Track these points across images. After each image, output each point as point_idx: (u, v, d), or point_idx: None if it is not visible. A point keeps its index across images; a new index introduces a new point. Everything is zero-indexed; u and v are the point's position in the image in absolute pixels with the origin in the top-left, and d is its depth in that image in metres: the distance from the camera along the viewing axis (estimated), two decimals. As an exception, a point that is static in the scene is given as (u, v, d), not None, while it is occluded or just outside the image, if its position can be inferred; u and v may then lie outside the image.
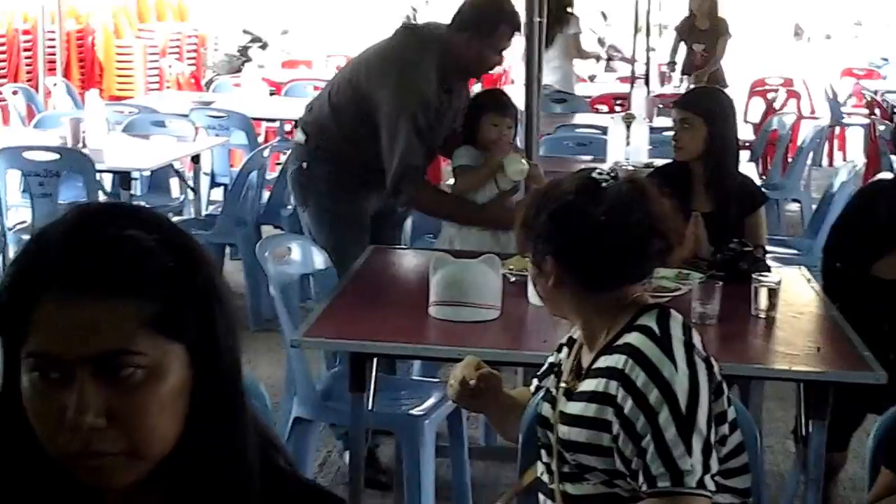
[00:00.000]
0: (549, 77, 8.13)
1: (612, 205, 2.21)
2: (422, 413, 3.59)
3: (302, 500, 1.32)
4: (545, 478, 2.34)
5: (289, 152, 4.55)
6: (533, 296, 3.36)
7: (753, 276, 3.38)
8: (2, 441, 1.23)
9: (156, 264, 1.19)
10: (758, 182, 5.12)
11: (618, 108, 8.74)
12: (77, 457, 1.17)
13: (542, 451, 2.36)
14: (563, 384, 2.31)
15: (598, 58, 12.01)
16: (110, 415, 1.16)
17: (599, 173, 2.26)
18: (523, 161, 4.21)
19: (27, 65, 10.30)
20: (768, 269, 3.66)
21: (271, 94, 9.89)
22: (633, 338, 2.18)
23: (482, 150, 4.26)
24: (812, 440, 2.98)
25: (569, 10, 9.12)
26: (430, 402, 3.70)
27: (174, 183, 7.34)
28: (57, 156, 5.73)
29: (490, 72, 4.81)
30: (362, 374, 3.11)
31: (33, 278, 1.18)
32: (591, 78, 12.15)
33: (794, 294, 3.56)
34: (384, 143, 4.14)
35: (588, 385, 2.23)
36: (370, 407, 3.21)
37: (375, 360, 3.19)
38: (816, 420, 2.98)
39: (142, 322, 1.17)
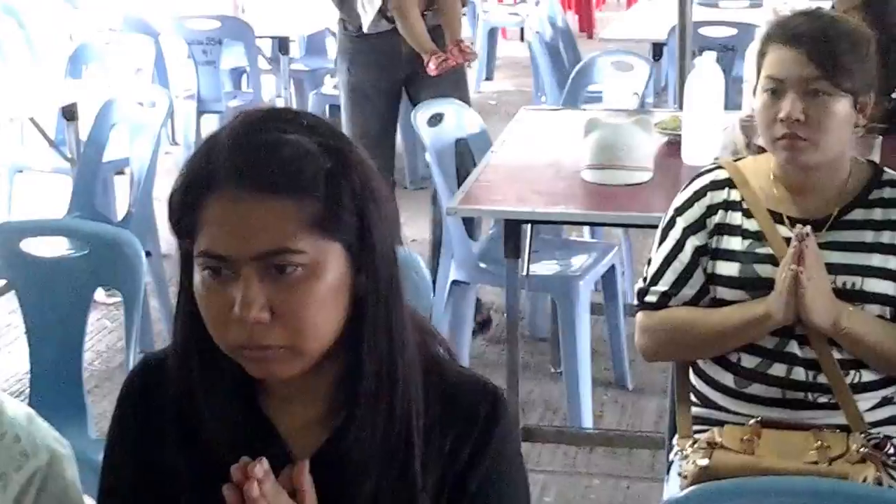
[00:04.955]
0: None
1: None
2: (577, 274, 3.66)
3: (460, 389, 1.38)
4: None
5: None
6: (687, 156, 3.37)
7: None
8: (181, 334, 1.34)
9: (314, 166, 1.25)
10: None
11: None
12: (242, 348, 1.26)
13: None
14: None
15: None
16: (273, 310, 1.24)
17: None
18: None
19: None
20: (931, 120, 3.56)
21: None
22: None
23: None
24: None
25: None
26: (585, 262, 3.76)
27: (331, 44, 7.42)
28: (218, 24, 5.88)
29: None
30: (517, 240, 3.17)
31: (202, 180, 1.26)
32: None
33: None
34: None
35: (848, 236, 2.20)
36: (525, 272, 3.28)
37: (530, 225, 3.25)
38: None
39: (302, 222, 1.24)
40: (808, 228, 2.12)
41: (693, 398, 2.34)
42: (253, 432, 1.34)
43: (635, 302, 2.36)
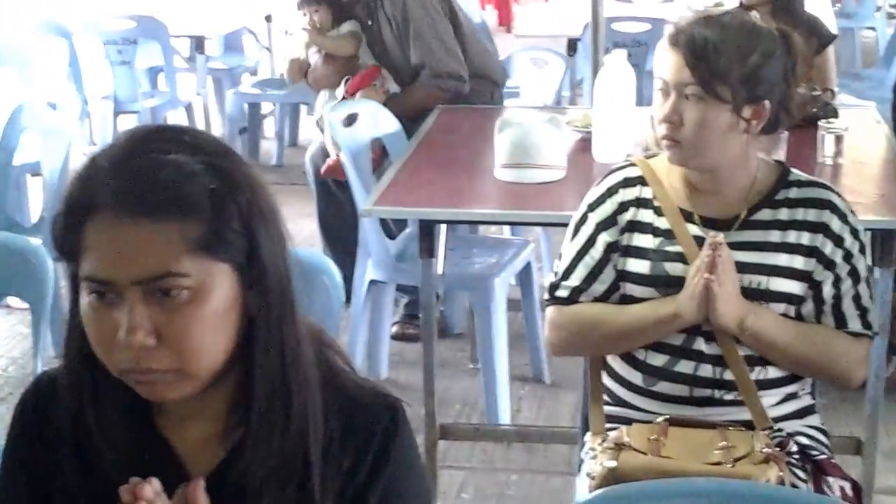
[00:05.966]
0: None
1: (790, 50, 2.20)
2: (492, 272, 3.68)
3: (359, 403, 1.37)
4: None
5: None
6: (598, 153, 3.39)
7: (820, 122, 3.36)
8: (72, 353, 1.32)
9: (198, 186, 1.23)
10: (831, 10, 5.00)
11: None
12: (130, 372, 1.25)
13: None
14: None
15: None
16: (159, 334, 1.23)
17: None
18: None
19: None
20: (836, 113, 3.62)
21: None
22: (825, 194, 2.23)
23: None
24: (878, 286, 2.99)
25: None
26: (501, 259, 3.78)
27: (249, 42, 7.38)
28: (133, 24, 5.83)
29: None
30: (432, 239, 3.17)
31: (83, 204, 1.24)
32: None
33: (862, 138, 3.53)
34: None
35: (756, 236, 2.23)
36: (441, 271, 3.29)
37: (444, 225, 3.26)
38: (884, 267, 2.98)
39: (186, 244, 1.22)
40: (721, 237, 2.15)
41: (606, 397, 2.37)
42: (148, 451, 1.33)
43: (546, 296, 2.38)
